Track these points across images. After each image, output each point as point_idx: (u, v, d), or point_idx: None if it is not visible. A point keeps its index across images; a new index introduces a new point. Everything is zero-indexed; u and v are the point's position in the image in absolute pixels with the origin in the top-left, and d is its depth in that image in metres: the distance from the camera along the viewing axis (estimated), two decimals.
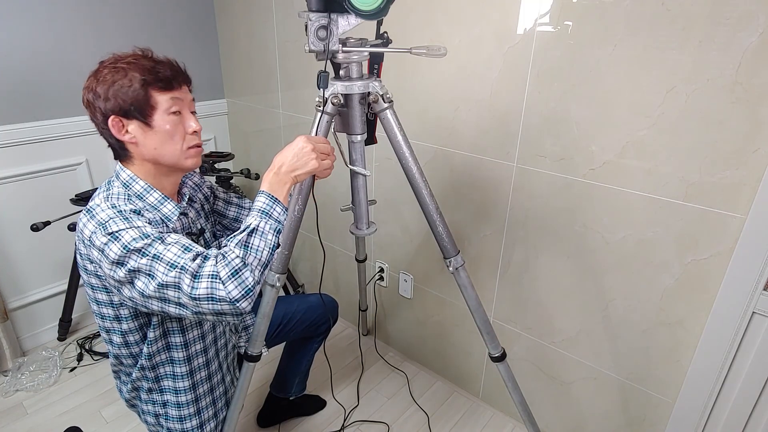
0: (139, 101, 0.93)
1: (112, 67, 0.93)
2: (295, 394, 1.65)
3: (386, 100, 1.06)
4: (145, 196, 0.98)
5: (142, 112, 0.94)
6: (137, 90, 0.92)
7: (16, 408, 1.73)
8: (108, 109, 0.93)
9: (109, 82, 0.92)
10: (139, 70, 0.93)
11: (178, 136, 0.98)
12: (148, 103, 0.93)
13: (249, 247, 0.87)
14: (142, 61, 0.94)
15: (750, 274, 1.06)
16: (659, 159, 1.13)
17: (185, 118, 1.00)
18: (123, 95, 0.92)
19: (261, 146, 2.32)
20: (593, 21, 1.13)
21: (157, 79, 0.94)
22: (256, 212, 0.91)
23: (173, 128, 0.96)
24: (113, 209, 0.91)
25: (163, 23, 2.08)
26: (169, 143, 0.97)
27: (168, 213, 1.00)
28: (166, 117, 0.96)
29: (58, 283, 2.04)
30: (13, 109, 1.77)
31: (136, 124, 0.94)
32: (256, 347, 1.22)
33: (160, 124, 0.95)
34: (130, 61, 0.94)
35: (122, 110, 0.93)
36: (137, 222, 0.89)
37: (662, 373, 1.29)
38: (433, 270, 1.76)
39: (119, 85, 0.91)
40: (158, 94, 0.94)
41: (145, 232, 0.88)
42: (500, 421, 1.71)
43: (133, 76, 0.92)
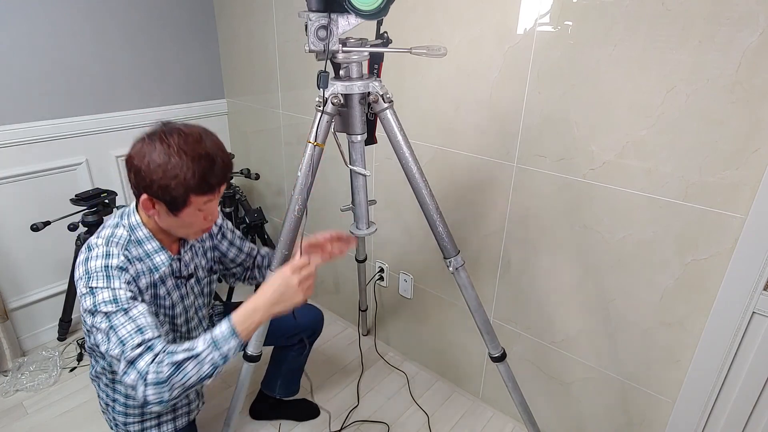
0: (176, 199, 0.97)
1: (167, 153, 0.94)
2: (281, 395, 1.65)
3: (386, 100, 1.06)
4: (144, 243, 1.06)
5: (174, 206, 0.99)
6: (179, 192, 0.96)
7: (16, 408, 1.73)
8: (145, 187, 0.97)
9: (159, 172, 0.94)
10: (192, 171, 0.94)
11: (196, 225, 1.05)
12: (183, 203, 0.98)
13: (181, 369, 0.89)
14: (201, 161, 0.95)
15: (750, 274, 1.06)
16: (659, 159, 1.13)
17: (210, 210, 1.04)
18: (164, 191, 0.96)
19: (261, 146, 2.32)
20: (593, 21, 1.13)
21: (202, 186, 0.97)
22: (209, 338, 0.92)
23: (193, 220, 1.03)
24: (104, 259, 0.98)
25: (163, 23, 2.08)
26: (183, 228, 1.05)
27: (158, 263, 1.08)
28: (193, 213, 1.01)
29: (58, 283, 2.04)
30: (13, 109, 1.77)
31: (164, 208, 1.00)
32: (254, 348, 1.22)
33: (184, 217, 1.01)
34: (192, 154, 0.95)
35: (158, 197, 0.98)
36: (115, 283, 0.97)
37: (662, 373, 1.29)
38: (433, 270, 1.76)
39: (166, 181, 0.94)
40: (196, 197, 0.98)
41: (117, 296, 0.96)
42: (500, 421, 1.71)
43: (183, 176, 0.94)
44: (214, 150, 0.99)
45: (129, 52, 2.01)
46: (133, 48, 2.02)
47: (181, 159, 0.94)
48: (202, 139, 0.98)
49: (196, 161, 0.95)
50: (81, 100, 1.93)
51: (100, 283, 0.96)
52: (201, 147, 0.96)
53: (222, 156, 1.00)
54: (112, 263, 0.98)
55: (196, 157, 0.95)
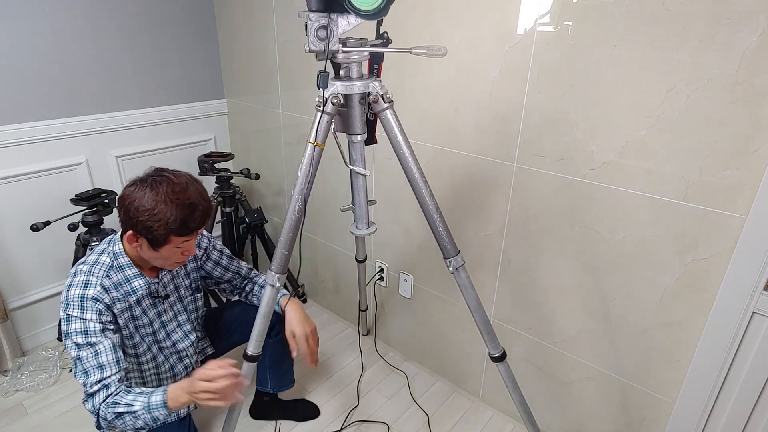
0: (157, 238, 1.10)
1: (153, 199, 1.07)
2: (275, 389, 1.64)
3: (386, 100, 1.06)
4: (125, 269, 1.19)
5: (155, 243, 1.12)
6: (161, 233, 1.09)
7: (16, 408, 1.73)
8: (132, 225, 1.10)
9: (145, 213, 1.07)
10: (174, 217, 1.08)
11: (173, 259, 1.17)
12: (164, 241, 1.11)
13: (121, 418, 1.08)
14: (184, 209, 1.09)
15: (750, 274, 1.06)
16: (659, 159, 1.13)
17: (187, 247, 1.17)
18: (147, 231, 1.09)
19: (261, 146, 2.32)
20: (593, 21, 1.13)
21: (182, 229, 1.11)
22: (146, 402, 1.07)
23: (170, 255, 1.16)
24: (82, 289, 1.12)
25: (163, 23, 2.08)
26: (161, 260, 1.18)
27: (136, 287, 1.21)
28: (172, 249, 1.14)
29: (58, 283, 2.04)
30: (13, 109, 1.77)
31: (146, 243, 1.13)
32: (254, 348, 1.22)
33: (163, 252, 1.14)
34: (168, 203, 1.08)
35: (141, 234, 1.11)
36: (88, 314, 1.11)
37: (662, 373, 1.29)
38: (433, 270, 1.76)
39: (150, 223, 1.08)
40: (176, 237, 1.12)
41: (87, 328, 1.11)
42: (500, 421, 1.71)
43: (166, 221, 1.08)
44: (197, 199, 1.13)
45: (129, 52, 2.01)
46: (133, 48, 2.02)
47: (167, 206, 1.07)
48: (188, 188, 1.12)
49: (180, 208, 1.09)
50: (81, 100, 1.93)
51: (74, 312, 1.11)
52: (185, 196, 1.10)
53: (203, 204, 1.14)
54: (88, 294, 1.12)
55: (180, 205, 1.09)
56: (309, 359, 1.33)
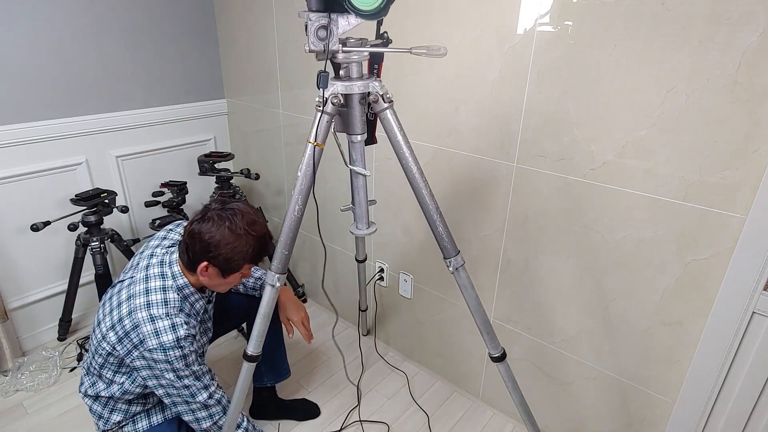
0: (232, 267, 1.19)
1: (235, 232, 1.15)
2: (271, 382, 1.65)
3: (386, 100, 1.06)
4: (189, 297, 1.26)
5: (227, 272, 1.19)
6: (238, 263, 1.18)
7: (16, 408, 1.73)
8: (209, 258, 1.16)
9: (228, 247, 1.15)
10: (254, 247, 1.18)
11: (233, 283, 1.26)
12: (237, 269, 1.20)
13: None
14: (260, 241, 1.20)
15: (750, 274, 1.06)
16: (659, 159, 1.13)
17: (247, 273, 1.25)
18: (225, 263, 1.17)
19: (261, 146, 2.32)
20: (593, 21, 1.13)
21: (257, 258, 1.21)
22: None
23: (235, 280, 1.24)
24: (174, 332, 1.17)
25: (164, 23, 2.08)
26: (223, 286, 1.26)
27: (199, 308, 1.29)
28: (238, 275, 1.23)
29: (58, 283, 2.04)
30: (13, 109, 1.77)
31: (216, 272, 1.19)
32: (254, 347, 1.22)
33: (230, 279, 1.22)
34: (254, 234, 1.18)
35: (216, 265, 1.17)
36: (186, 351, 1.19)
37: (662, 373, 1.29)
38: (433, 270, 1.76)
39: (230, 257, 1.16)
40: (248, 265, 1.21)
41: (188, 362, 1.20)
42: (500, 421, 1.71)
43: (246, 252, 1.17)
44: (266, 229, 1.23)
45: (129, 52, 2.01)
46: (133, 48, 2.02)
47: (247, 238, 1.17)
48: (256, 219, 1.21)
49: (257, 240, 1.19)
50: (81, 100, 1.93)
51: (176, 353, 1.17)
52: (258, 228, 1.20)
53: (269, 233, 1.25)
54: (180, 335, 1.17)
55: (257, 236, 1.19)
56: (306, 339, 1.50)
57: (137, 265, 1.26)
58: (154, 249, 1.29)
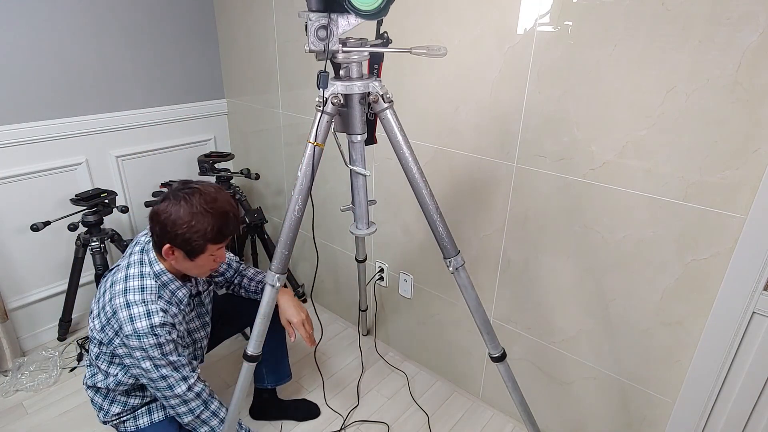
0: (194, 249, 1.16)
1: (187, 212, 1.12)
2: (272, 384, 1.65)
3: (386, 100, 1.06)
4: (169, 285, 1.24)
5: (192, 253, 1.17)
6: (199, 243, 1.14)
7: (16, 408, 1.73)
8: (169, 239, 1.14)
9: (184, 226, 1.12)
10: (212, 225, 1.14)
11: (206, 267, 1.22)
12: (201, 251, 1.16)
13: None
14: (219, 218, 1.15)
15: (750, 274, 1.06)
16: (659, 159, 1.13)
17: (220, 254, 1.22)
18: (185, 243, 1.14)
19: (261, 146, 2.32)
20: (593, 21, 1.13)
21: (218, 237, 1.16)
22: None
23: (205, 263, 1.21)
24: (148, 319, 1.16)
25: (163, 23, 2.08)
26: (195, 269, 1.22)
27: (181, 297, 1.27)
28: (207, 258, 1.19)
29: (58, 283, 2.04)
30: (14, 109, 1.77)
31: (182, 254, 1.17)
32: (254, 347, 1.22)
33: (198, 261, 1.19)
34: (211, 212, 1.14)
35: (179, 246, 1.15)
36: (162, 339, 1.17)
37: (662, 373, 1.29)
38: (433, 270, 1.76)
39: (189, 235, 1.13)
40: (212, 245, 1.17)
41: (164, 351, 1.18)
42: (500, 421, 1.71)
43: (204, 230, 1.13)
44: (229, 206, 1.18)
45: (129, 52, 2.01)
46: (133, 48, 2.02)
47: (203, 216, 1.12)
48: (218, 197, 1.16)
49: (215, 217, 1.14)
50: (81, 100, 1.93)
51: (150, 341, 1.16)
52: (218, 205, 1.15)
53: (234, 211, 1.20)
54: (154, 322, 1.16)
55: (215, 214, 1.14)
56: (308, 342, 1.45)
57: (125, 254, 1.29)
58: (140, 237, 1.30)
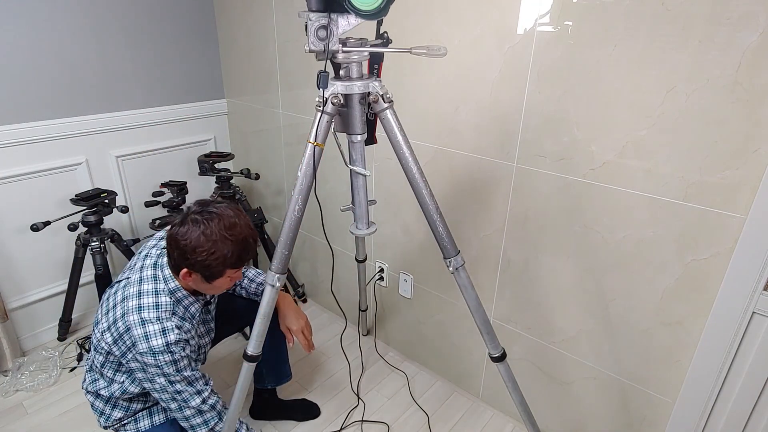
0: (213, 273, 1.14)
1: (207, 236, 1.10)
2: (272, 384, 1.65)
3: (386, 100, 1.06)
4: (182, 301, 1.24)
5: (210, 278, 1.16)
6: (218, 268, 1.13)
7: (16, 408, 1.73)
8: (188, 265, 1.13)
9: (204, 252, 1.10)
10: (232, 251, 1.12)
11: (223, 288, 1.22)
12: (219, 275, 1.15)
13: None
14: (239, 245, 1.13)
15: (750, 274, 1.06)
16: (659, 159, 1.13)
17: (237, 276, 1.21)
18: (205, 269, 1.13)
19: (261, 146, 2.32)
20: (593, 21, 1.13)
21: (238, 263, 1.15)
22: None
23: (223, 285, 1.20)
24: (164, 337, 1.15)
25: (163, 23, 2.08)
26: (213, 290, 1.22)
27: (194, 312, 1.27)
28: (224, 280, 1.18)
29: (58, 283, 2.04)
30: (14, 109, 1.77)
31: (199, 277, 1.16)
32: (254, 347, 1.22)
33: (216, 284, 1.18)
34: (231, 238, 1.12)
35: (197, 271, 1.14)
36: (177, 356, 1.17)
37: (662, 373, 1.29)
38: (433, 270, 1.76)
39: (209, 261, 1.11)
40: (230, 270, 1.16)
41: (179, 367, 1.18)
42: (500, 421, 1.71)
43: (224, 257, 1.11)
44: (248, 232, 1.16)
45: (129, 52, 2.01)
46: (133, 48, 2.02)
47: (223, 243, 1.11)
48: (238, 222, 1.14)
49: (235, 244, 1.12)
50: (81, 100, 1.93)
51: (165, 358, 1.16)
52: (238, 231, 1.13)
53: (253, 236, 1.18)
54: (170, 340, 1.16)
55: (235, 241, 1.12)
56: (306, 349, 1.47)
57: (134, 266, 1.26)
58: (150, 249, 1.28)
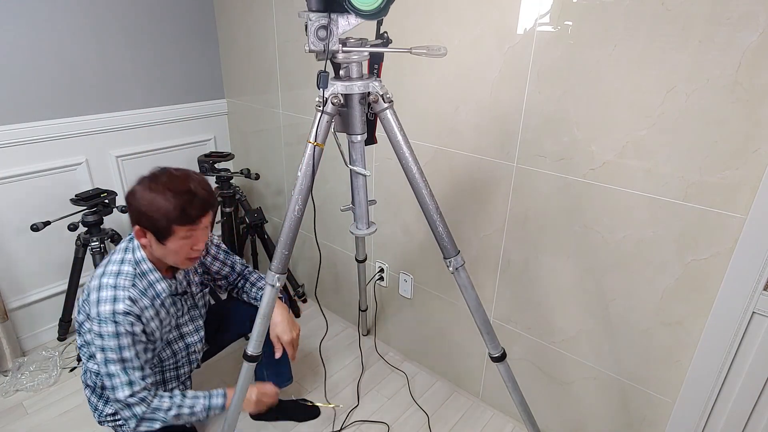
0: (160, 229, 1.13)
1: (152, 191, 1.11)
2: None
3: (386, 100, 1.06)
4: (147, 275, 1.22)
5: (160, 235, 1.14)
6: (162, 222, 1.12)
7: (16, 408, 1.73)
8: (136, 220, 1.15)
9: (145, 204, 1.11)
10: (173, 206, 1.11)
11: (182, 253, 1.18)
12: (167, 232, 1.13)
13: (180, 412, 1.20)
14: (179, 198, 1.11)
15: (750, 274, 1.06)
16: (659, 159, 1.13)
17: (194, 240, 1.18)
18: (149, 221, 1.12)
19: (261, 146, 2.32)
20: (593, 21, 1.13)
21: (182, 217, 1.12)
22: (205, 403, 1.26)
23: (179, 249, 1.17)
24: (113, 305, 1.14)
25: (163, 23, 2.08)
26: (171, 256, 1.19)
27: (159, 290, 1.25)
28: (178, 242, 1.16)
29: (58, 283, 2.04)
30: (14, 109, 1.77)
31: (153, 238, 1.16)
32: (254, 347, 1.22)
33: (170, 245, 1.16)
34: (168, 194, 1.11)
35: (146, 227, 1.14)
36: (121, 328, 1.15)
37: (662, 373, 1.29)
38: (433, 270, 1.76)
39: (151, 214, 1.11)
40: (178, 227, 1.13)
41: (120, 344, 1.15)
42: (500, 421, 1.71)
43: (165, 209, 1.10)
44: (197, 187, 1.14)
45: (129, 52, 2.01)
46: (133, 48, 2.02)
47: (165, 195, 1.10)
48: (187, 179, 1.14)
49: (178, 196, 1.11)
50: (81, 100, 1.93)
51: (108, 328, 1.13)
52: (184, 185, 1.12)
53: (203, 193, 1.15)
54: (118, 309, 1.14)
55: (178, 192, 1.11)
56: (292, 358, 1.49)
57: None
58: None
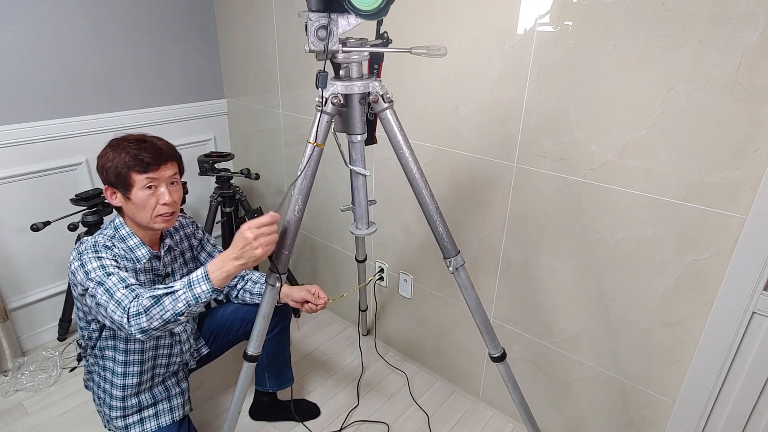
0: (121, 179, 1.17)
1: (111, 147, 1.18)
2: (274, 388, 1.65)
3: (386, 100, 1.06)
4: (127, 239, 1.24)
5: (123, 187, 1.18)
6: (120, 170, 1.16)
7: (16, 408, 1.73)
8: (104, 179, 1.20)
9: (105, 159, 1.17)
10: (126, 153, 1.16)
11: (149, 207, 1.20)
12: (128, 181, 1.17)
13: (159, 303, 1.05)
14: (132, 146, 1.17)
15: (750, 274, 1.06)
16: (659, 159, 1.13)
17: (159, 192, 1.20)
18: (109, 173, 1.17)
19: (261, 146, 2.32)
20: (593, 21, 1.13)
21: (136, 163, 1.16)
22: (185, 280, 1.07)
23: (144, 201, 1.19)
24: (94, 241, 1.18)
25: (163, 23, 2.08)
26: (141, 211, 1.20)
27: (139, 256, 1.25)
28: (140, 192, 1.18)
29: (58, 283, 2.04)
30: (14, 109, 1.77)
31: (120, 195, 1.20)
32: (254, 347, 1.22)
33: (135, 198, 1.19)
34: (124, 145, 1.17)
35: (111, 183, 1.19)
36: (103, 254, 1.16)
37: (662, 373, 1.29)
38: (433, 270, 1.76)
39: (109, 165, 1.17)
40: (136, 174, 1.17)
41: (104, 264, 1.14)
42: (500, 421, 1.71)
43: (120, 158, 1.16)
44: (152, 139, 1.20)
45: (129, 52, 2.01)
46: (133, 48, 2.02)
47: (120, 146, 1.17)
48: (144, 136, 1.20)
49: (131, 144, 1.17)
50: (81, 100, 1.93)
51: (89, 255, 1.15)
52: (137, 137, 1.19)
53: (158, 143, 1.20)
54: (99, 242, 1.18)
55: (133, 142, 1.18)
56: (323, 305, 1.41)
57: None
58: None
